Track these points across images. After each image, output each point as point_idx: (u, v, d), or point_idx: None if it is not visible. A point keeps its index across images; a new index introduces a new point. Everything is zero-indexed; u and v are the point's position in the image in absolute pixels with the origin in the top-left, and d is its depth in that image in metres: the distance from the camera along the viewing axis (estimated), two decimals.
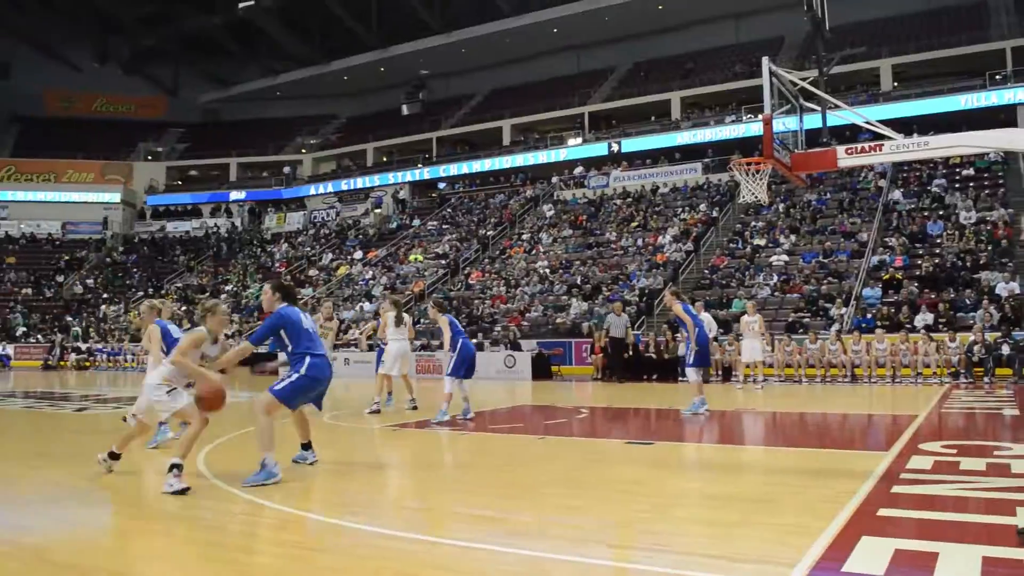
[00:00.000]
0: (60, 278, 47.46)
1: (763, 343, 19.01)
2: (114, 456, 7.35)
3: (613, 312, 21.73)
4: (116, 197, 53.34)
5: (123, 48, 56.30)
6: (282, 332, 7.06)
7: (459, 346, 11.51)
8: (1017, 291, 21.54)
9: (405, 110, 54.10)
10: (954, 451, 7.89)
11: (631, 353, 22.51)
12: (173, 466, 6.37)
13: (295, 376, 7.00)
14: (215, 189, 54.67)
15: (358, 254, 41.98)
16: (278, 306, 7.19)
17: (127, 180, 54.21)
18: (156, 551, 4.71)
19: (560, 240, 35.24)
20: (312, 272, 41.51)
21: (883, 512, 5.34)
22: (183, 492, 6.25)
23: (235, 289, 41.96)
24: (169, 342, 8.51)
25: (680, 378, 20.76)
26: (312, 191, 52.19)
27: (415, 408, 12.98)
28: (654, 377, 21.43)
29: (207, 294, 42.35)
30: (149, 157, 55.92)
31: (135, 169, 54.71)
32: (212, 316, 7.10)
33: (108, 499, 6.69)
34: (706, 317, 20.36)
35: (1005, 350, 18.80)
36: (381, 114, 54.79)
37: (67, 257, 49.63)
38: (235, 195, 53.90)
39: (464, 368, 11.56)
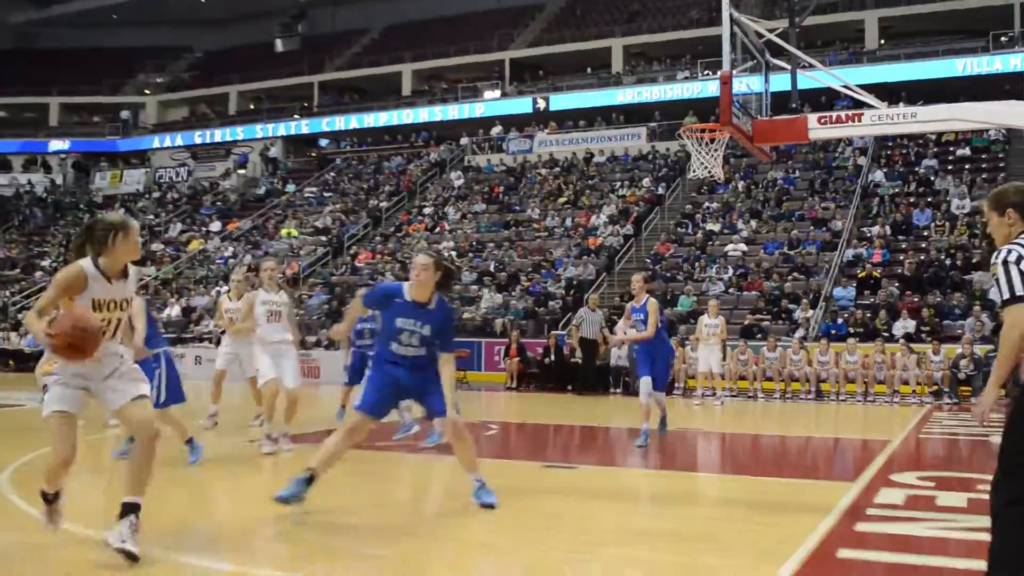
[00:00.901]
0: None
1: (719, 353, 19.23)
2: None
3: (587, 307, 21.64)
4: None
5: None
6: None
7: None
8: None
9: (279, 46, 53.33)
10: (931, 484, 8.22)
11: (552, 358, 22.73)
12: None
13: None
14: (29, 136, 52.95)
15: (215, 225, 41.28)
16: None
17: None
18: None
19: (471, 216, 35.26)
20: (156, 246, 40.66)
21: (844, 554, 5.57)
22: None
23: (54, 264, 40.84)
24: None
25: (614, 390, 21.09)
26: (157, 143, 51.07)
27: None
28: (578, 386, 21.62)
29: (17, 269, 41.13)
30: None
31: None
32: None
33: None
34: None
35: None
36: (248, 49, 53.86)
37: None
38: (56, 145, 52.30)
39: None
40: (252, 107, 51.62)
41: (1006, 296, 4.23)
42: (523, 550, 5.92)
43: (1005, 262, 4.27)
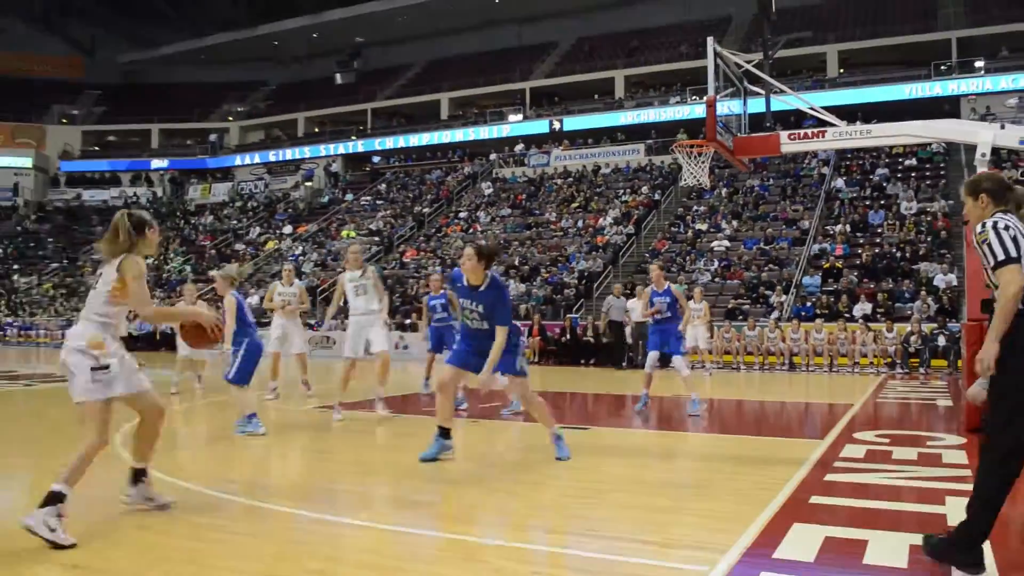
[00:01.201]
0: None
1: (705, 332, 19.32)
2: None
3: (612, 294, 21.43)
4: (28, 162, 51.82)
5: (36, 3, 54.48)
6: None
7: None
8: (954, 283, 22.20)
9: (339, 79, 53.45)
10: (887, 440, 8.16)
11: (568, 337, 22.70)
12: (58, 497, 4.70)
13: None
14: (135, 156, 53.42)
15: (287, 229, 41.48)
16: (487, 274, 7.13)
17: (39, 144, 52.62)
18: (71, 535, 4.63)
19: (498, 219, 35.25)
20: (238, 247, 40.88)
21: (815, 500, 5.52)
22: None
23: (156, 262, 41.13)
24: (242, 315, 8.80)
25: (623, 365, 21.00)
26: (239, 161, 51.35)
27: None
28: (591, 362, 21.63)
29: None
30: (64, 120, 54.34)
31: (48, 133, 53.16)
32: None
33: (19, 481, 6.56)
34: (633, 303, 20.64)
35: (941, 341, 19.41)
36: (313, 83, 54.03)
37: None
38: (157, 163, 52.75)
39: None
40: (317, 130, 51.73)
41: (1000, 258, 4.00)
42: (540, 495, 5.91)
43: (995, 227, 4.07)
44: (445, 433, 7.10)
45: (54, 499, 4.60)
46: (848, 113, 21.84)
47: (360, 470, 6.64)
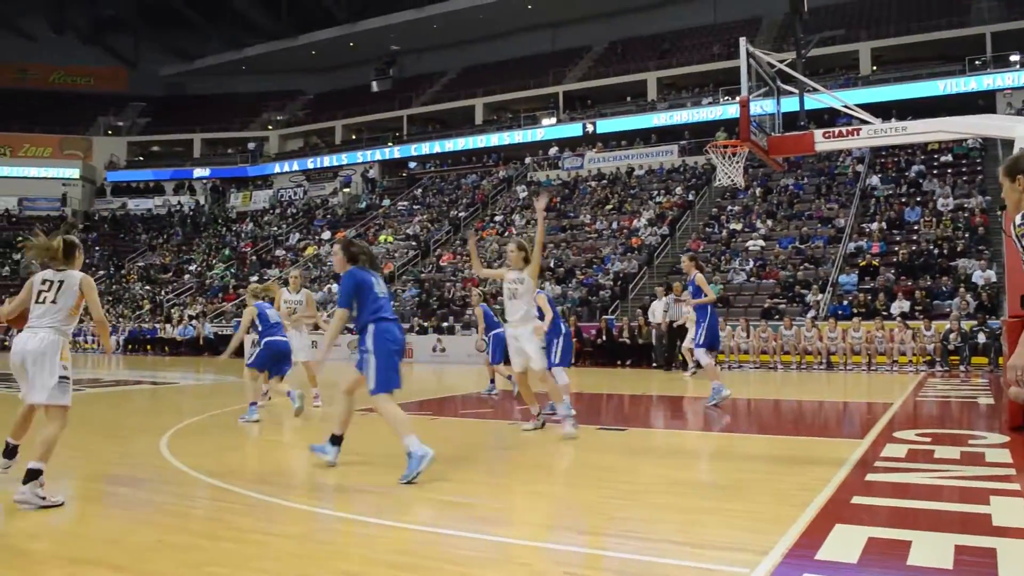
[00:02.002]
0: (17, 256, 46.77)
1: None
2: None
3: (673, 294, 20.72)
4: (75, 173, 52.67)
5: (80, 18, 55.41)
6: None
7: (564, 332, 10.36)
8: (993, 279, 21.80)
9: (375, 87, 53.72)
10: (928, 439, 7.98)
11: (604, 338, 22.59)
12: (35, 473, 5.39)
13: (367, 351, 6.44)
14: (178, 166, 54.15)
15: (326, 234, 41.74)
16: (349, 267, 6.66)
17: (86, 155, 53.50)
18: (112, 536, 4.66)
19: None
20: (279, 252, 41.22)
21: (857, 500, 5.39)
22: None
23: (199, 269, 41.59)
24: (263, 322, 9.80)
25: (653, 364, 20.88)
26: (278, 169, 51.80)
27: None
28: (628, 363, 21.51)
29: (169, 273, 41.98)
30: (109, 132, 55.21)
31: (95, 144, 54.01)
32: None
33: (64, 483, 6.61)
34: (664, 302, 20.49)
35: (981, 339, 19.07)
36: (350, 91, 54.37)
37: (24, 234, 48.92)
38: (199, 172, 53.46)
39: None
40: (354, 137, 52.03)
41: None
42: (577, 496, 5.83)
43: None
44: (336, 440, 6.81)
45: (34, 475, 5.34)
46: (882, 110, 21.51)
47: (392, 472, 6.60)
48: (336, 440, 6.87)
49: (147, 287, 40.58)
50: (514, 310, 8.54)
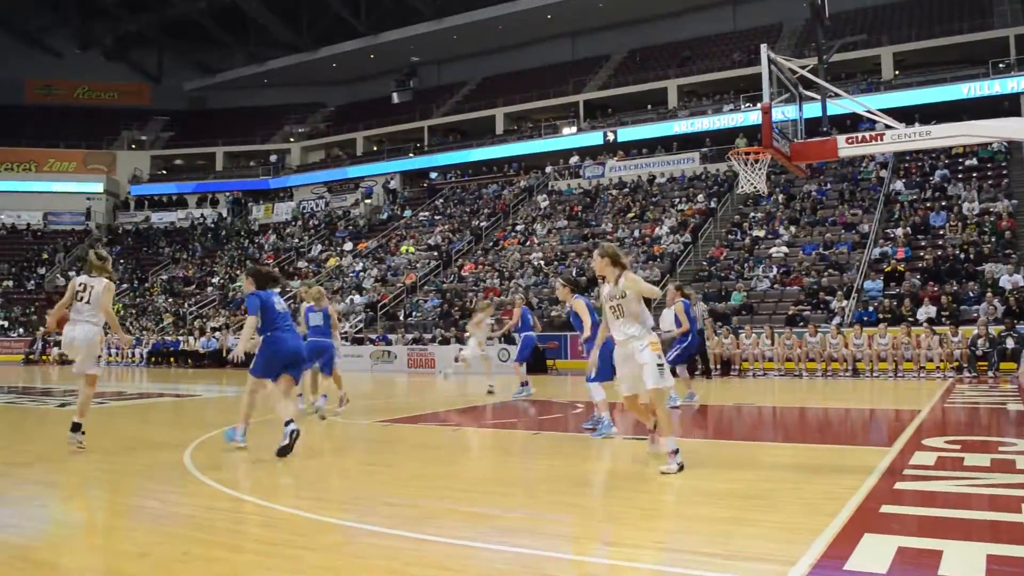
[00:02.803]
0: (42, 270, 47.32)
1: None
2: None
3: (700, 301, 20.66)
4: (99, 187, 53.23)
5: (105, 34, 56.05)
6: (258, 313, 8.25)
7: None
8: (1021, 283, 21.59)
9: (395, 98, 53.98)
10: (958, 447, 7.90)
11: None
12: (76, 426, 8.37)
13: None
14: (201, 179, 54.59)
15: (348, 245, 41.92)
16: (251, 290, 8.37)
17: (110, 169, 54.06)
18: (139, 549, 4.68)
19: (555, 231, 35.20)
20: (301, 264, 41.43)
21: (886, 509, 5.33)
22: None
23: (222, 281, 41.86)
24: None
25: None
26: (300, 181, 52.09)
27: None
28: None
29: (192, 286, 42.27)
30: (133, 146, 55.80)
31: (118, 158, 54.57)
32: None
33: (91, 496, 6.66)
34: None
35: (1009, 344, 18.86)
36: (371, 102, 54.67)
37: (49, 248, 49.49)
38: (221, 185, 53.79)
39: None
40: (375, 149, 52.29)
41: None
42: (603, 507, 5.81)
43: None
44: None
45: (76, 427, 8.37)
46: (905, 115, 21.45)
47: (421, 483, 6.61)
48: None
49: (170, 299, 40.88)
50: (621, 328, 7.21)
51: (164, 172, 56.24)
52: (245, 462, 7.94)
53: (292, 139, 55.56)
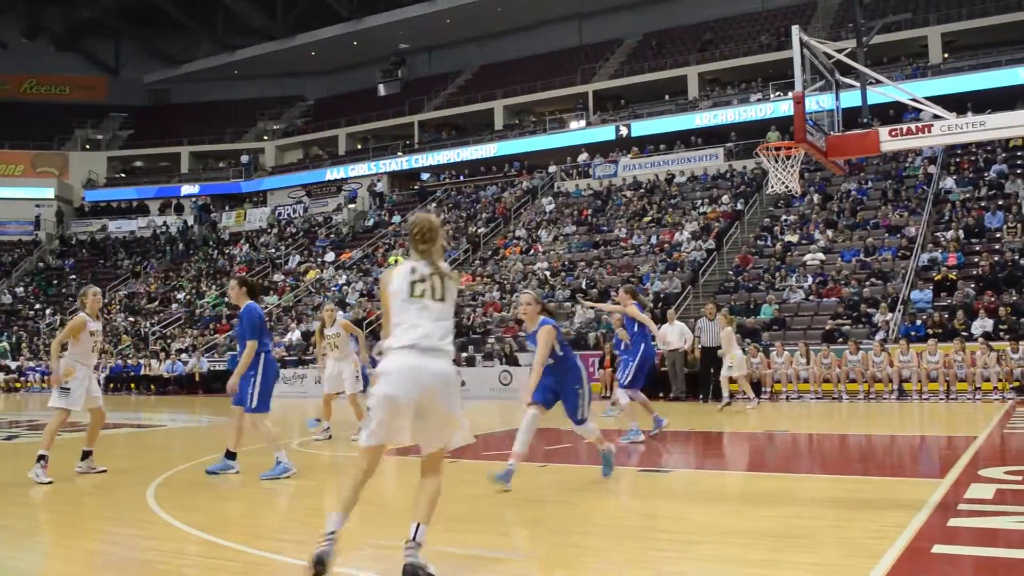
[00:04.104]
0: None
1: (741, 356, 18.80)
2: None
3: (706, 316, 20.76)
4: (50, 192, 53.28)
5: (55, 21, 56.28)
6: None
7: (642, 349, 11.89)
8: None
9: (382, 90, 54.11)
10: (1019, 478, 7.89)
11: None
12: (40, 457, 8.84)
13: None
14: (164, 182, 54.67)
15: (329, 256, 41.96)
16: (246, 301, 8.76)
17: (62, 172, 54.13)
18: None
19: (562, 238, 35.23)
20: (277, 277, 41.48)
21: (938, 549, 5.33)
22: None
23: (188, 297, 41.89)
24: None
25: (675, 394, 20.85)
26: (276, 184, 52.19)
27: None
28: (670, 395, 21.40)
29: (155, 302, 42.29)
30: (87, 146, 55.94)
31: (71, 160, 54.68)
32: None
33: (43, 541, 6.66)
34: (679, 327, 20.50)
35: None
36: (355, 95, 54.81)
37: None
38: (187, 189, 53.87)
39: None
40: (359, 147, 52.42)
41: None
42: (618, 547, 5.80)
43: None
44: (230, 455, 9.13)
45: (41, 459, 8.88)
46: (955, 103, 21.41)
47: (405, 522, 6.60)
48: (230, 455, 9.25)
49: (130, 318, 40.92)
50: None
51: (122, 175, 56.35)
52: (220, 500, 7.94)
53: (266, 137, 55.69)
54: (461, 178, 46.69)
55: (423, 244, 5.14)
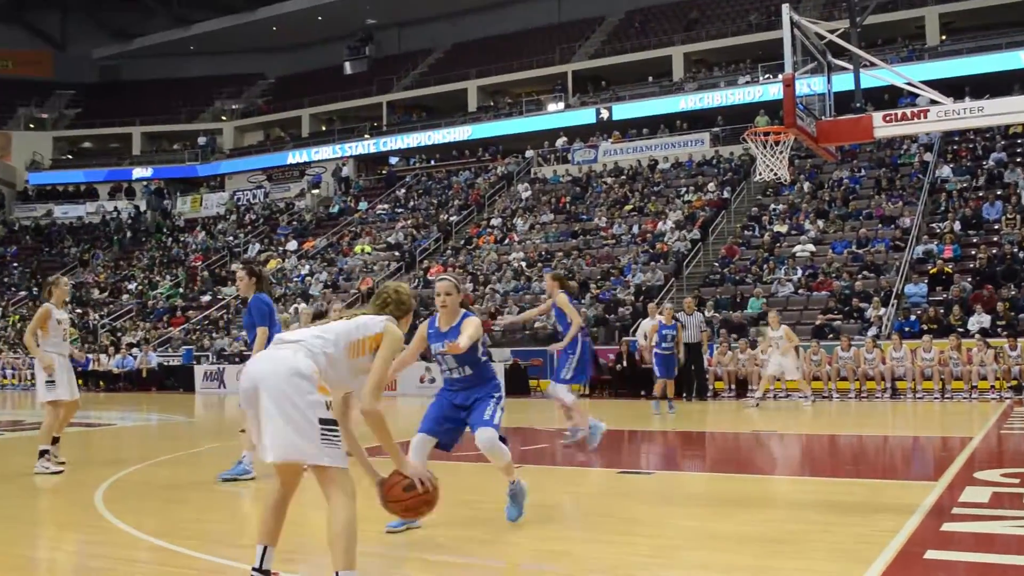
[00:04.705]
0: None
1: (792, 359, 18.66)
2: None
3: (684, 310, 20.72)
4: None
5: None
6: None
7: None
8: None
9: (348, 68, 53.89)
10: (1017, 481, 7.97)
11: (624, 365, 22.54)
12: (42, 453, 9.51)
13: None
14: (115, 165, 54.23)
15: (292, 244, 41.79)
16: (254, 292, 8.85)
17: (4, 154, 53.59)
18: None
19: (539, 227, 35.24)
20: (235, 266, 41.24)
21: (932, 555, 5.38)
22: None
23: (140, 288, 41.61)
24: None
25: (643, 393, 20.92)
26: (234, 168, 51.89)
27: None
28: (652, 393, 21.42)
29: (105, 292, 41.98)
30: (31, 125, 55.38)
31: (14, 140, 54.10)
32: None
33: None
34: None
35: None
36: (319, 73, 54.55)
37: None
38: (139, 172, 53.45)
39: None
40: (324, 129, 52.20)
41: None
42: (601, 557, 5.81)
43: None
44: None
45: (43, 454, 9.59)
46: (953, 87, 21.63)
47: (380, 527, 6.60)
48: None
49: (78, 310, 40.60)
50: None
51: (69, 157, 55.83)
52: (173, 503, 7.90)
53: (224, 117, 55.33)
54: (432, 163, 46.57)
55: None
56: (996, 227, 26.25)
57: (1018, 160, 29.71)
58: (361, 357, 4.58)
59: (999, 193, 27.71)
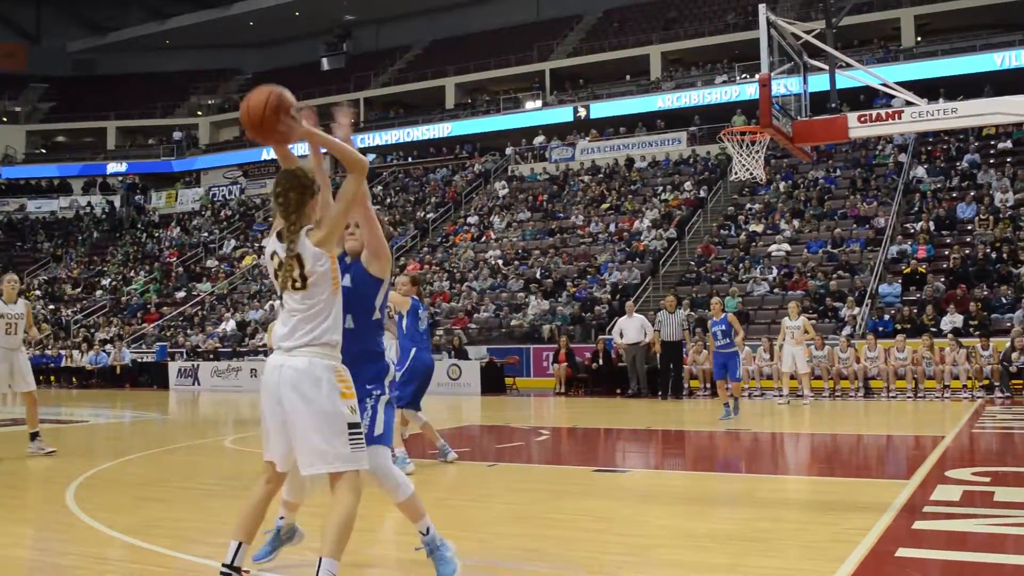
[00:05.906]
0: None
1: (805, 353, 18.79)
2: None
3: (665, 308, 20.72)
4: None
5: None
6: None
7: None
8: None
9: (325, 64, 53.72)
10: (987, 479, 8.03)
11: (600, 363, 22.57)
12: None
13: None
14: (89, 160, 53.85)
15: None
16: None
17: None
18: None
19: (515, 225, 35.23)
20: (210, 263, 41.07)
21: (903, 552, 5.41)
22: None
23: (114, 284, 41.35)
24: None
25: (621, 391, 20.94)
26: (210, 163, 51.63)
27: None
28: (628, 391, 21.48)
29: (78, 288, 41.69)
30: (4, 119, 54.93)
31: None
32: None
33: None
34: (639, 320, 20.61)
35: None
36: (296, 69, 54.29)
37: None
38: (113, 167, 53.10)
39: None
40: None
41: None
42: (573, 554, 5.81)
43: None
44: None
45: (34, 436, 10.85)
46: (928, 88, 21.72)
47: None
48: None
49: (50, 306, 40.30)
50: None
51: (43, 151, 55.42)
52: (145, 501, 7.85)
53: (200, 112, 55.05)
54: (409, 160, 46.48)
55: (280, 210, 4.53)
56: (969, 228, 26.45)
57: (991, 161, 29.96)
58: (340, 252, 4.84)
59: (972, 194, 27.92)
